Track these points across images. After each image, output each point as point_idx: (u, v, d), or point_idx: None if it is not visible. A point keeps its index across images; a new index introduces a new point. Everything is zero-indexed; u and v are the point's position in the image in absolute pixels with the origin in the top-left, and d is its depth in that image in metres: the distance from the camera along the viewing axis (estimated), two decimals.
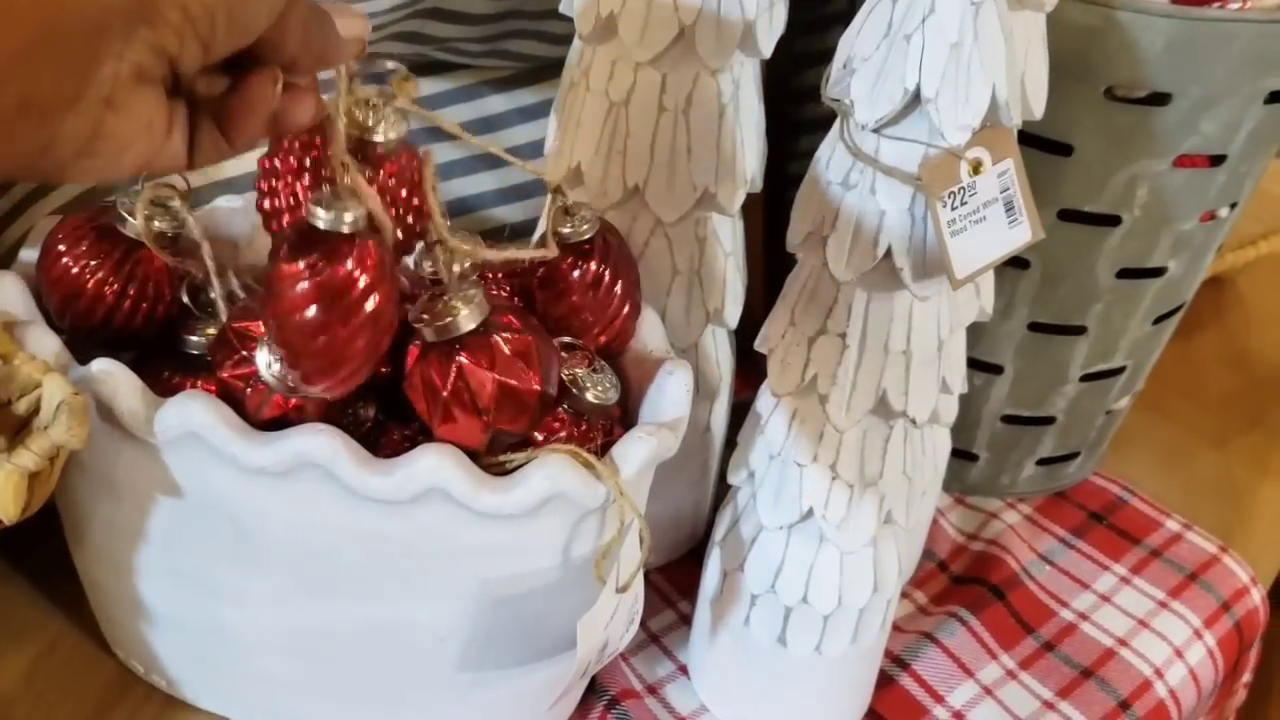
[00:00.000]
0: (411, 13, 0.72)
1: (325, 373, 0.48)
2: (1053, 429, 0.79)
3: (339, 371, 0.48)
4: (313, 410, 0.51)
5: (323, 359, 0.47)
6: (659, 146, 0.61)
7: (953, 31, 0.45)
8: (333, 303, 0.46)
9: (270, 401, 0.50)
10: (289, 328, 0.46)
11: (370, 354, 0.48)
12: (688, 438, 0.68)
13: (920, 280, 0.50)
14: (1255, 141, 0.65)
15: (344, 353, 0.47)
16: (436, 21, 0.73)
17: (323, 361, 0.47)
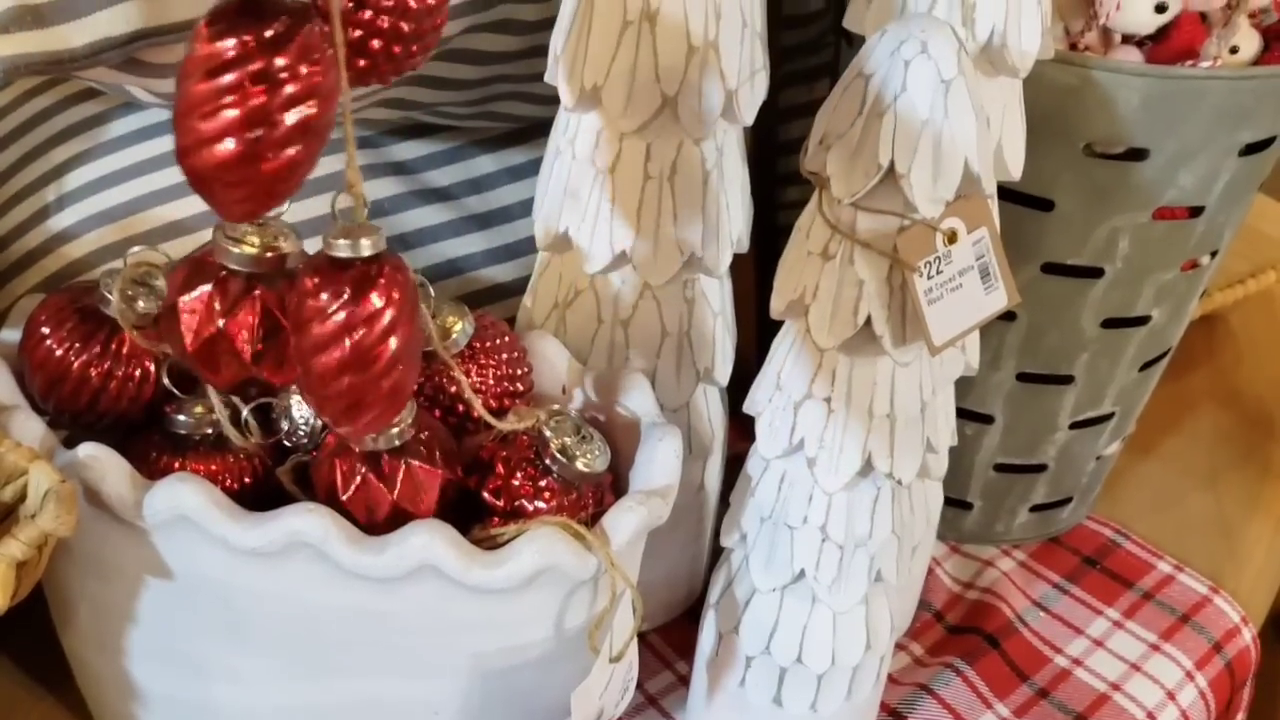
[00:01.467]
0: (397, 81, 0.72)
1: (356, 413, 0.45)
2: (1044, 476, 0.80)
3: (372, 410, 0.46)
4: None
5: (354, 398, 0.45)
6: (645, 213, 0.61)
7: (924, 109, 0.46)
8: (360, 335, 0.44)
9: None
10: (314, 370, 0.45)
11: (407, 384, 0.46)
12: (682, 497, 0.69)
13: (900, 347, 0.51)
14: (1232, 192, 0.66)
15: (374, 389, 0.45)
16: (423, 88, 0.74)
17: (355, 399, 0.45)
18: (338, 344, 0.42)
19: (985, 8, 0.53)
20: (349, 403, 0.44)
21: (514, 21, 0.70)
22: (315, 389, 0.44)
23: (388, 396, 0.44)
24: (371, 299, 0.42)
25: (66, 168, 0.72)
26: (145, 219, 0.70)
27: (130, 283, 0.56)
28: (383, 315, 0.43)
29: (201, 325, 0.48)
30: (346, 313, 0.42)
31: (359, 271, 0.43)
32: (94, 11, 0.55)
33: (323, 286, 0.43)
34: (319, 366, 0.43)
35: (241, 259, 0.48)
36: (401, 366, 0.44)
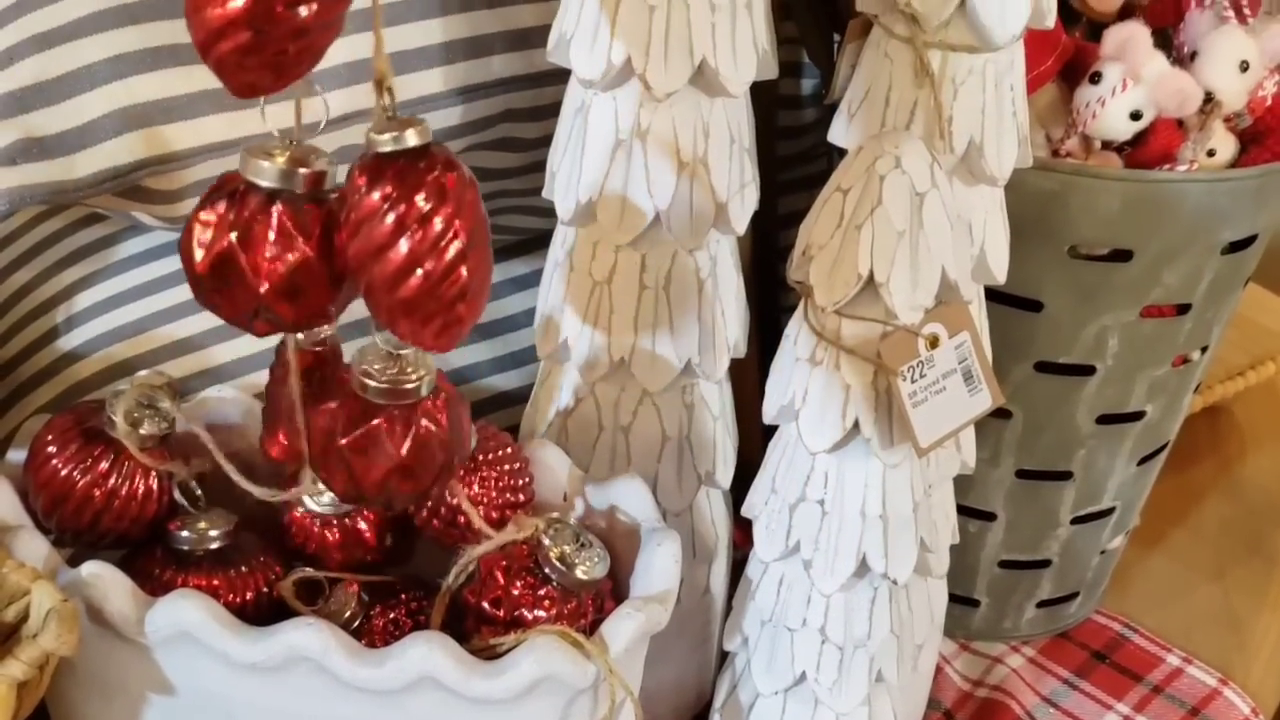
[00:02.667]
0: None
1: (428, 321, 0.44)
2: (1050, 571, 0.80)
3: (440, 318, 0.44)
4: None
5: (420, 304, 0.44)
6: (642, 322, 0.63)
7: (900, 221, 0.48)
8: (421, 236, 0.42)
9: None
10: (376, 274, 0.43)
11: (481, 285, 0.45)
12: (687, 601, 0.70)
13: (888, 449, 0.52)
14: (1218, 289, 0.67)
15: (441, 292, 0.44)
16: None
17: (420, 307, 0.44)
18: (394, 244, 0.41)
19: (962, 121, 0.55)
20: (415, 304, 0.43)
21: (514, 139, 0.72)
22: (379, 294, 0.43)
23: (456, 295, 0.43)
24: (424, 195, 0.41)
25: (75, 289, 0.73)
26: (152, 338, 0.71)
27: (136, 404, 0.58)
28: (440, 210, 0.42)
29: (214, 240, 0.45)
30: (400, 211, 0.41)
31: (407, 165, 0.42)
32: (99, 142, 0.57)
33: (373, 184, 0.42)
34: (379, 268, 0.42)
35: (264, 172, 0.45)
36: (467, 264, 0.43)
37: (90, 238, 0.75)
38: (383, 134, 0.43)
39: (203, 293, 0.47)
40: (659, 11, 0.55)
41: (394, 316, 0.44)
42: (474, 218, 0.43)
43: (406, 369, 0.49)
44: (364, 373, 0.49)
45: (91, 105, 0.57)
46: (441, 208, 0.42)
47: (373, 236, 0.42)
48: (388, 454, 0.48)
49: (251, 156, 0.45)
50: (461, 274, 0.43)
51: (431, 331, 0.44)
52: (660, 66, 0.55)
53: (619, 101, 0.58)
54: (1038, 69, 0.63)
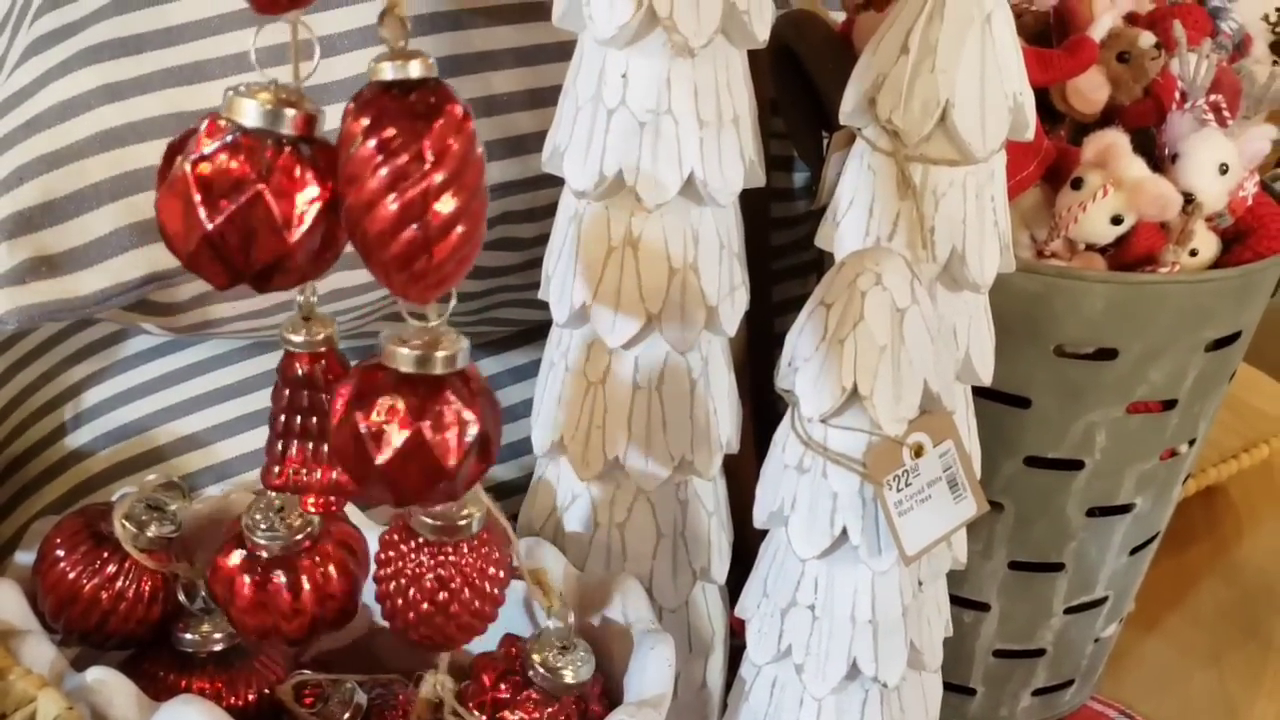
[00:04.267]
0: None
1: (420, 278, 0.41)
2: (1044, 660, 0.81)
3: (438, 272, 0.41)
4: None
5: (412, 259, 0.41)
6: (635, 421, 0.64)
7: (882, 336, 0.49)
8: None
9: None
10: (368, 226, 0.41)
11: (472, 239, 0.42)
12: (683, 695, 0.70)
13: (875, 557, 0.53)
14: (1203, 385, 0.68)
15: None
16: None
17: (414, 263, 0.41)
18: (383, 174, 0.40)
19: (943, 231, 0.57)
20: (391, 232, 0.40)
21: (512, 239, 0.73)
22: (360, 223, 0.41)
23: (442, 232, 0.40)
24: (410, 122, 0.40)
25: (82, 386, 0.74)
26: (158, 434, 0.72)
27: (142, 507, 0.59)
28: (423, 138, 0.40)
29: (233, 190, 0.42)
30: (384, 134, 0.40)
31: (400, 95, 0.40)
32: (105, 259, 0.58)
33: (361, 113, 0.40)
34: (363, 195, 0.40)
35: (240, 109, 0.42)
36: (451, 195, 0.40)
37: (96, 335, 0.76)
38: (383, 63, 0.41)
39: (210, 253, 0.43)
40: (648, 127, 0.56)
41: (370, 251, 0.41)
42: (464, 151, 0.41)
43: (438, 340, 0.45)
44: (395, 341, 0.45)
45: (98, 223, 0.58)
46: (425, 138, 0.40)
47: (353, 162, 0.41)
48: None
49: (230, 94, 0.42)
50: (437, 210, 0.40)
51: (407, 275, 0.41)
52: (650, 180, 0.57)
53: (611, 211, 0.59)
54: (1020, 174, 0.64)
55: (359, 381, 0.45)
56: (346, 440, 0.44)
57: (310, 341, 0.52)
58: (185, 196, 0.42)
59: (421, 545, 0.53)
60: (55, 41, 0.61)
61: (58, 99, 0.59)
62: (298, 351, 0.51)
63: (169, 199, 0.42)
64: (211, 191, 0.42)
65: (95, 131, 0.59)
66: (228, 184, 0.42)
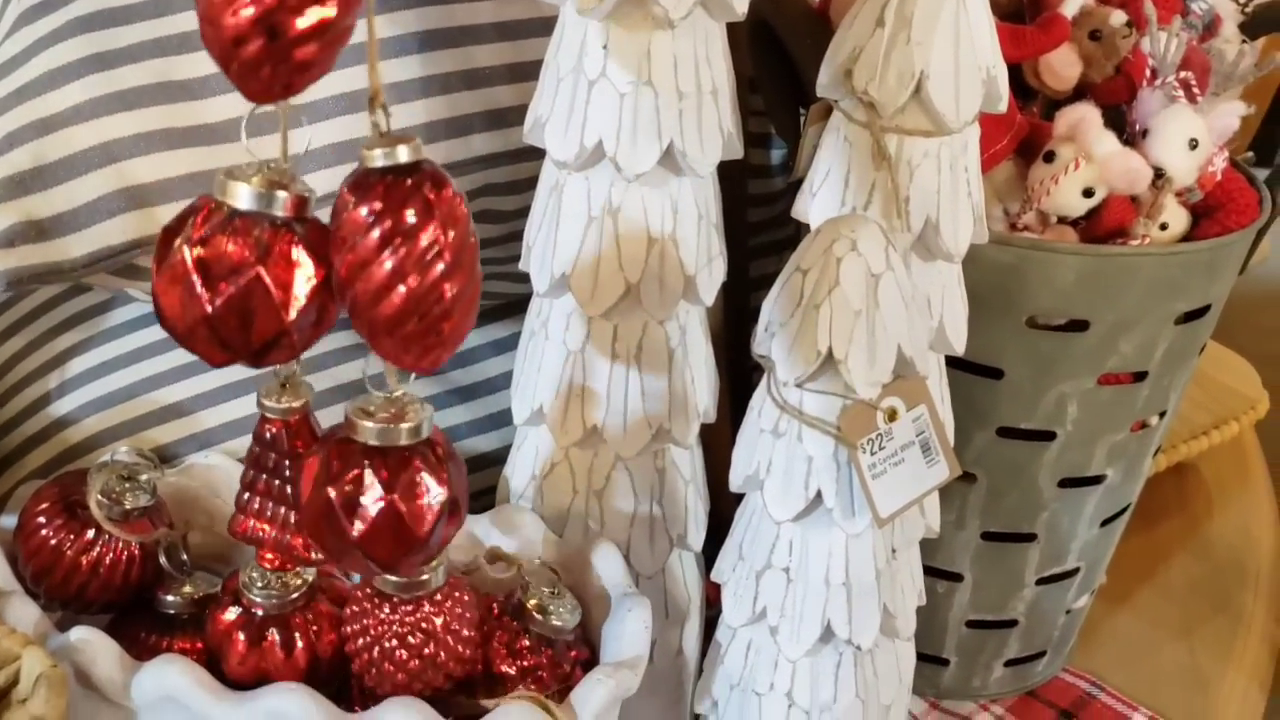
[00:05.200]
0: None
1: (410, 341, 0.43)
2: (1016, 631, 0.82)
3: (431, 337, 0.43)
4: None
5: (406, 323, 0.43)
6: (614, 389, 0.65)
7: (857, 301, 0.50)
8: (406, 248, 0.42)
9: None
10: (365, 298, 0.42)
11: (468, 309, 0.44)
12: (659, 661, 0.71)
13: (849, 519, 0.54)
14: (1173, 357, 0.69)
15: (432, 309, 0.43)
16: None
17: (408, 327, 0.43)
18: (378, 259, 0.41)
19: (918, 201, 0.58)
20: (397, 321, 0.42)
21: (493, 212, 0.74)
22: (368, 310, 0.42)
23: (440, 314, 0.42)
24: (411, 210, 0.41)
25: (68, 355, 0.75)
26: (143, 403, 0.73)
27: (115, 479, 0.59)
28: (426, 226, 0.41)
29: (171, 251, 0.44)
30: (385, 225, 0.41)
31: (396, 180, 0.42)
32: (94, 224, 0.59)
33: (361, 200, 0.42)
34: (362, 283, 0.42)
35: (234, 192, 0.44)
36: (452, 281, 0.42)
37: (81, 305, 0.77)
38: (374, 149, 0.43)
39: (208, 334, 0.44)
40: (628, 98, 0.57)
41: (376, 333, 0.43)
42: (461, 235, 0.43)
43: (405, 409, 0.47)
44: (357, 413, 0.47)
45: (87, 188, 0.59)
46: (428, 223, 0.42)
47: (358, 251, 0.42)
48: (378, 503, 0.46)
49: (223, 178, 0.44)
50: (446, 291, 0.42)
51: (414, 351, 0.43)
52: (630, 150, 0.58)
53: (591, 181, 0.60)
54: (993, 148, 0.65)
55: (328, 455, 0.46)
56: (318, 513, 0.46)
57: (286, 409, 0.53)
58: (184, 280, 0.43)
59: (384, 604, 0.54)
60: (46, 12, 0.61)
61: (47, 67, 0.60)
62: (271, 416, 0.53)
63: (168, 282, 0.44)
64: (210, 275, 0.43)
65: (84, 99, 0.59)
66: (226, 267, 0.43)
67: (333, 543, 0.46)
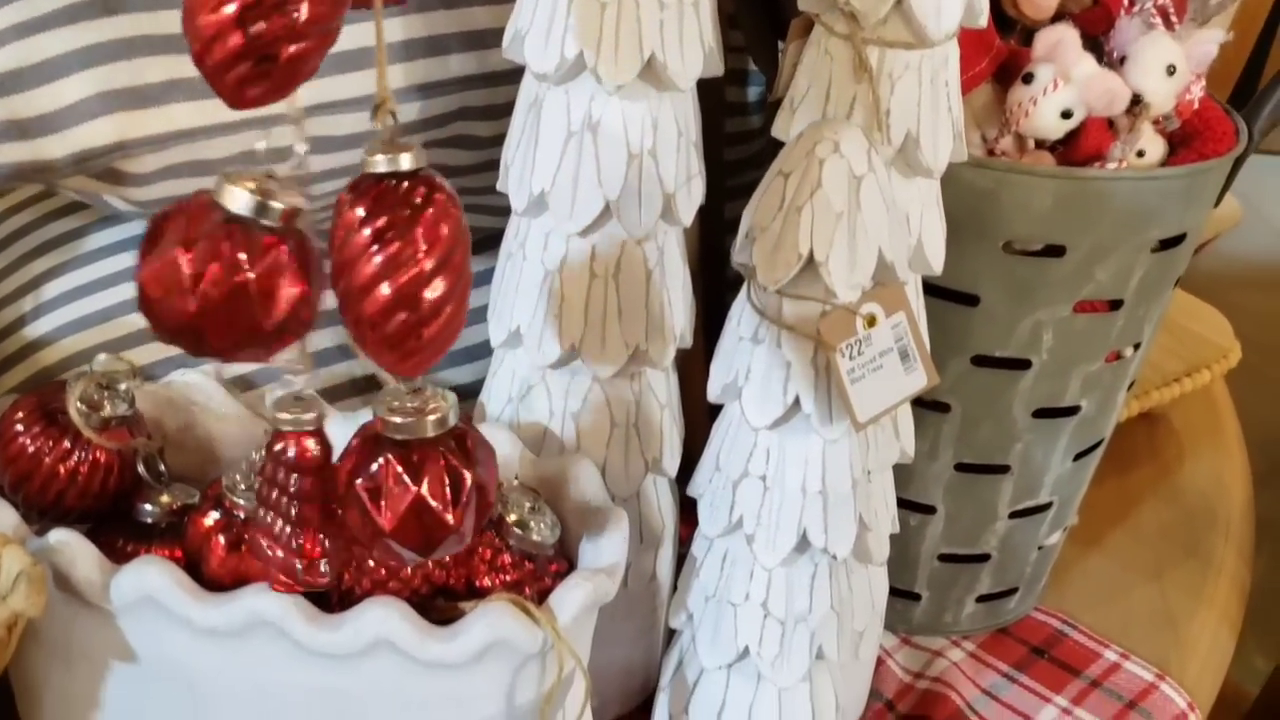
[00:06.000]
0: None
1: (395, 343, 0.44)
2: (989, 566, 0.82)
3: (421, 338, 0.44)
4: None
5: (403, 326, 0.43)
6: (591, 309, 0.65)
7: (838, 203, 0.50)
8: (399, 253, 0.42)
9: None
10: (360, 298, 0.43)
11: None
12: (634, 586, 0.72)
13: (827, 425, 0.54)
14: (1148, 287, 0.70)
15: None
16: None
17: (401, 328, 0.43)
18: (367, 258, 0.42)
19: (898, 114, 0.58)
20: (381, 322, 0.43)
21: (469, 137, 0.74)
22: (354, 307, 0.43)
23: (424, 317, 0.43)
24: (403, 211, 0.42)
25: (43, 279, 0.75)
26: (119, 325, 0.72)
27: (95, 387, 0.59)
28: (416, 228, 0.42)
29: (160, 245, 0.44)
30: (379, 224, 0.42)
31: (392, 186, 0.43)
32: (75, 125, 0.59)
33: (357, 201, 0.43)
34: (350, 282, 0.43)
35: (231, 197, 0.44)
36: (440, 284, 0.43)
37: (58, 230, 0.77)
38: (376, 155, 0.44)
39: (191, 332, 0.45)
40: (610, 9, 0.57)
41: (361, 331, 0.44)
42: (452, 237, 0.44)
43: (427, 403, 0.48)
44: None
45: (69, 90, 0.59)
46: (417, 225, 0.43)
47: (349, 248, 0.43)
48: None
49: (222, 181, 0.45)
50: (427, 296, 0.43)
51: (397, 352, 0.44)
52: (611, 61, 0.58)
53: (571, 95, 0.60)
54: (972, 70, 0.65)
55: (358, 452, 0.48)
56: (353, 509, 0.48)
57: (298, 421, 0.51)
58: (172, 277, 0.43)
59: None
60: None
61: None
62: (285, 430, 0.51)
63: (155, 275, 0.44)
64: (199, 276, 0.43)
65: (67, 3, 0.59)
66: (216, 271, 0.43)
67: (366, 535, 0.48)
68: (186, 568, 0.55)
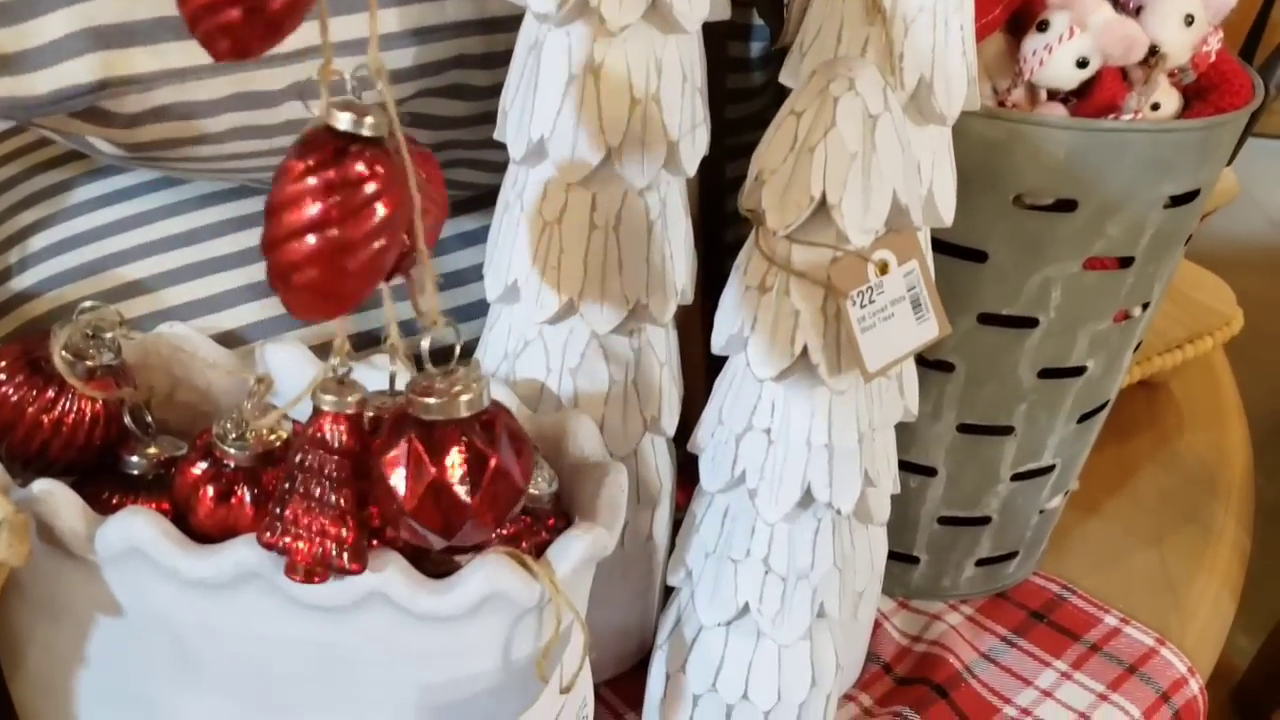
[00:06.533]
0: None
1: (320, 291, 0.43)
2: (989, 529, 0.81)
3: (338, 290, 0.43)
4: None
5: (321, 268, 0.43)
6: (591, 262, 0.63)
7: (853, 142, 0.48)
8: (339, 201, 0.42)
9: None
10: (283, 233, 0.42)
11: (374, 270, 0.44)
12: (630, 547, 0.70)
13: (835, 375, 0.53)
14: (1160, 244, 0.68)
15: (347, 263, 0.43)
16: None
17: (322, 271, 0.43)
18: (305, 205, 0.41)
19: (912, 58, 0.56)
20: (308, 269, 0.42)
21: (466, 87, 0.72)
22: (276, 250, 0.42)
23: (356, 276, 0.42)
24: (354, 169, 0.42)
25: (30, 231, 0.73)
26: (104, 279, 0.71)
27: (80, 335, 0.58)
28: (364, 186, 0.42)
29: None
30: (323, 178, 0.41)
31: (344, 141, 0.42)
32: (60, 61, 0.57)
33: (306, 152, 0.42)
34: (285, 226, 0.42)
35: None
36: (378, 244, 0.42)
37: (46, 183, 0.75)
38: (344, 112, 0.43)
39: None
40: None
41: (279, 275, 0.43)
42: (391, 214, 0.43)
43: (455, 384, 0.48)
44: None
45: (53, 26, 0.57)
46: (367, 183, 0.42)
47: (288, 195, 0.42)
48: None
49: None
50: (352, 258, 0.43)
51: (305, 303, 0.44)
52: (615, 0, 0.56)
53: (572, 37, 0.58)
54: (986, 18, 0.64)
55: (388, 432, 0.48)
56: (380, 488, 0.48)
57: (340, 402, 0.51)
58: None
59: None
60: None
61: None
62: (327, 411, 0.51)
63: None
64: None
65: None
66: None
67: (391, 515, 0.48)
68: (174, 521, 0.53)
